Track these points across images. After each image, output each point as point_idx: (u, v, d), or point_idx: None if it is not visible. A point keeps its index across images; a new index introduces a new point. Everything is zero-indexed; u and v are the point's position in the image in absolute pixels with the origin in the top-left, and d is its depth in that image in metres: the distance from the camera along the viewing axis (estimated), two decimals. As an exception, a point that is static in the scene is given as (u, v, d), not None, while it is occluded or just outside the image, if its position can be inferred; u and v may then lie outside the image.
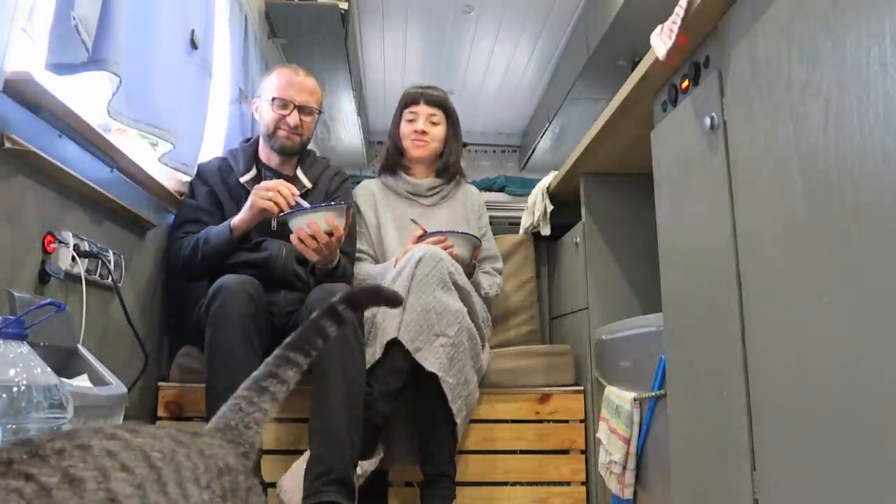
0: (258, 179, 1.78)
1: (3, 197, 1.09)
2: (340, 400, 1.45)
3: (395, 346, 1.60)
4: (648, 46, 1.20)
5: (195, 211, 1.75)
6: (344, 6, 2.69)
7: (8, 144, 1.06)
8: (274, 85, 1.80)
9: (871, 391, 0.69)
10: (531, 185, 2.41)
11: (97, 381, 1.15)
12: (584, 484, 1.83)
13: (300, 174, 1.85)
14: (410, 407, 1.70)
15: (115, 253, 1.44)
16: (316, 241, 1.55)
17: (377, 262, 1.98)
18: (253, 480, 0.54)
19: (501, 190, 2.97)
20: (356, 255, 1.94)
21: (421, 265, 1.63)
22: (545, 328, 2.40)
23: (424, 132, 2.02)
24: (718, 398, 1.02)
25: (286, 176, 1.83)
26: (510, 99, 4.95)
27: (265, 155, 1.85)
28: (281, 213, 1.59)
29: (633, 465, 1.40)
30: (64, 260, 1.24)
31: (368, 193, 2.08)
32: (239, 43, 2.20)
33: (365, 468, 1.56)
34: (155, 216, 1.67)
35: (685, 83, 1.18)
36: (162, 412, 1.72)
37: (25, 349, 0.82)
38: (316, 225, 1.54)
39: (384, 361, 1.61)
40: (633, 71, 1.35)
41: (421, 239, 1.83)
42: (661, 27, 1.17)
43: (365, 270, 1.92)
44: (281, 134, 1.79)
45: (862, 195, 0.71)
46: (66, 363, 1.17)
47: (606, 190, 1.93)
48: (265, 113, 1.80)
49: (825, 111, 0.77)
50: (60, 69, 1.15)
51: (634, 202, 1.87)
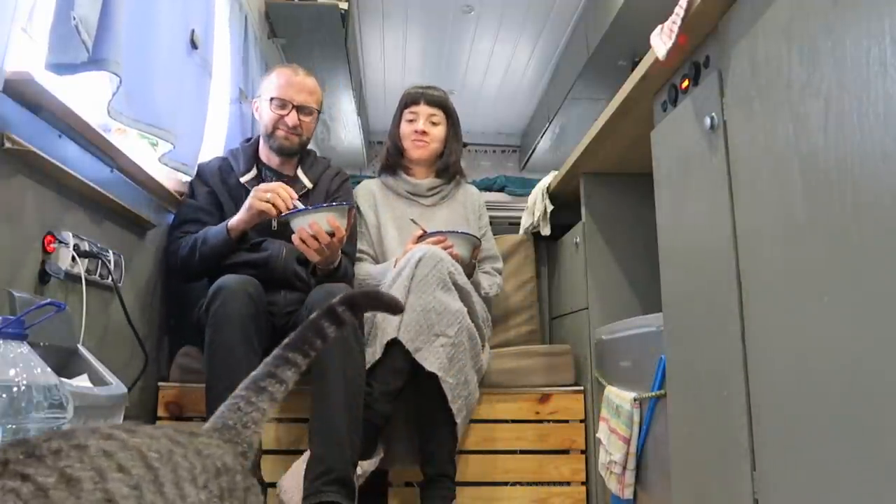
0: (259, 179, 1.78)
1: (3, 197, 1.09)
2: (340, 400, 1.44)
3: (395, 346, 1.60)
4: (648, 46, 1.20)
5: (195, 211, 1.74)
6: (344, 6, 2.68)
7: (8, 144, 1.06)
8: (273, 85, 1.79)
9: (871, 391, 0.69)
10: (531, 185, 2.41)
11: (97, 381, 1.15)
12: (584, 484, 1.83)
13: (300, 174, 1.85)
14: (410, 407, 1.70)
15: (115, 253, 1.44)
16: (318, 241, 1.55)
17: (377, 262, 1.98)
18: (251, 480, 0.54)
19: (501, 190, 2.97)
20: (356, 255, 1.94)
21: (421, 265, 1.63)
22: (545, 328, 2.40)
23: (425, 132, 2.02)
24: (718, 398, 1.02)
25: (287, 176, 1.83)
26: (510, 99, 4.95)
27: (265, 155, 1.85)
28: (279, 214, 1.59)
29: (633, 465, 1.40)
30: (64, 260, 1.24)
31: (368, 193, 2.08)
32: (239, 43, 2.20)
33: (365, 468, 1.56)
34: (155, 216, 1.67)
35: (685, 83, 1.18)
36: (162, 412, 1.72)
37: (25, 349, 0.82)
38: (318, 225, 1.54)
39: (384, 361, 1.61)
40: (633, 71, 1.35)
41: (421, 239, 1.83)
42: (661, 27, 1.16)
43: (365, 270, 1.92)
44: (279, 134, 1.78)
45: (862, 195, 0.71)
46: (66, 363, 1.17)
47: (606, 190, 1.92)
48: (264, 113, 1.80)
49: (825, 111, 0.77)
50: (60, 69, 1.15)
51: (634, 202, 1.87)
